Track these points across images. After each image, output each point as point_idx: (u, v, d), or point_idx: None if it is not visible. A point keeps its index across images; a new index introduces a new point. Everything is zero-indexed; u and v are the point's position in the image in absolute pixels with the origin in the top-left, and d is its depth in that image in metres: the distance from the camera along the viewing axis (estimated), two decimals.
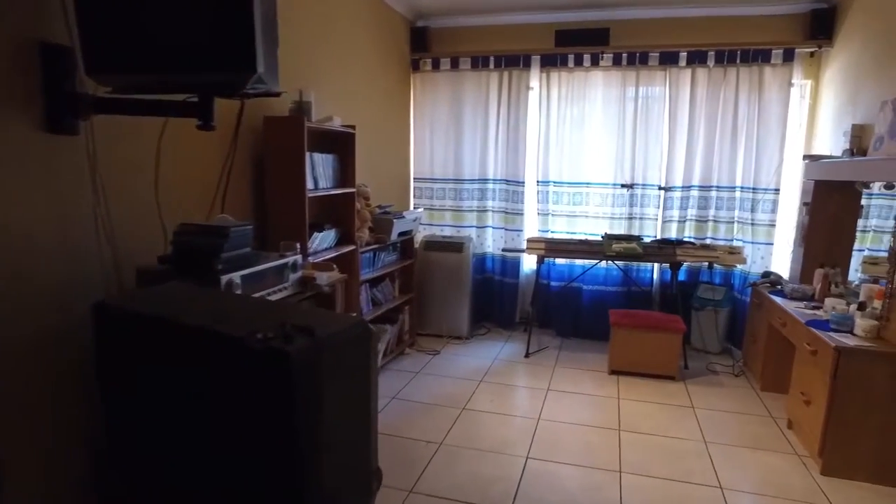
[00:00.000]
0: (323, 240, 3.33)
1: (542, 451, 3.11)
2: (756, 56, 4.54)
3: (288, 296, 2.50)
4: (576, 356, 4.65)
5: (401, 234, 4.29)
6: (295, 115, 3.08)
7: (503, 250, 5.18)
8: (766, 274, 4.32)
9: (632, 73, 4.77)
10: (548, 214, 5.07)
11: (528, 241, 4.78)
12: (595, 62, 4.84)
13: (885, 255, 4.17)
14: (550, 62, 4.91)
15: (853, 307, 3.17)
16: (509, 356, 4.61)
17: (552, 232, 5.08)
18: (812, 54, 4.51)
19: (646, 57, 4.75)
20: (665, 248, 4.51)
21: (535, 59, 4.97)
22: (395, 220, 4.07)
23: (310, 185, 3.11)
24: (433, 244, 4.97)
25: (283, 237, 2.87)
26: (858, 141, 3.81)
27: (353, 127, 3.55)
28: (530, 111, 5.07)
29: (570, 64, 4.89)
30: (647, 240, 4.78)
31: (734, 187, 4.71)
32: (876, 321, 2.98)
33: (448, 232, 5.31)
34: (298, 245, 2.72)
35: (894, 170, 2.98)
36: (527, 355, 4.60)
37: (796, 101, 4.63)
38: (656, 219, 4.90)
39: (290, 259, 2.53)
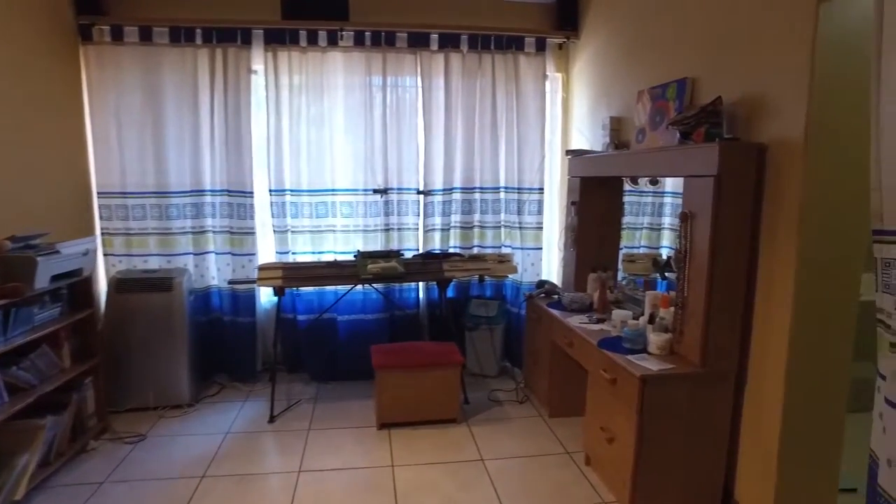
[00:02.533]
0: None
1: None
2: (510, 44, 4.09)
3: None
4: (336, 408, 3.67)
5: (59, 276, 2.84)
6: None
7: (229, 283, 3.97)
8: (541, 283, 3.87)
9: (378, 56, 3.97)
10: (286, 231, 4.01)
11: (261, 268, 3.66)
12: (333, 41, 3.93)
13: (640, 252, 4.07)
14: (277, 39, 3.86)
15: (643, 319, 2.74)
16: (249, 423, 3.45)
17: (294, 254, 4.04)
18: (561, 46, 4.22)
19: (393, 37, 3.99)
20: (430, 264, 3.79)
21: (258, 35, 3.87)
22: (39, 259, 2.63)
23: None
24: (129, 283, 3.55)
25: None
26: (617, 134, 3.52)
27: None
28: (255, 101, 3.96)
29: (303, 42, 3.90)
30: (408, 255, 4.03)
31: (498, 188, 4.21)
32: (667, 334, 2.57)
33: (155, 263, 3.91)
34: None
35: (666, 162, 2.61)
36: (271, 419, 3.48)
37: (552, 93, 4.32)
38: (417, 228, 4.17)
39: None
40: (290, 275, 3.57)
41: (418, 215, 4.15)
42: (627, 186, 3.61)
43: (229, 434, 3.30)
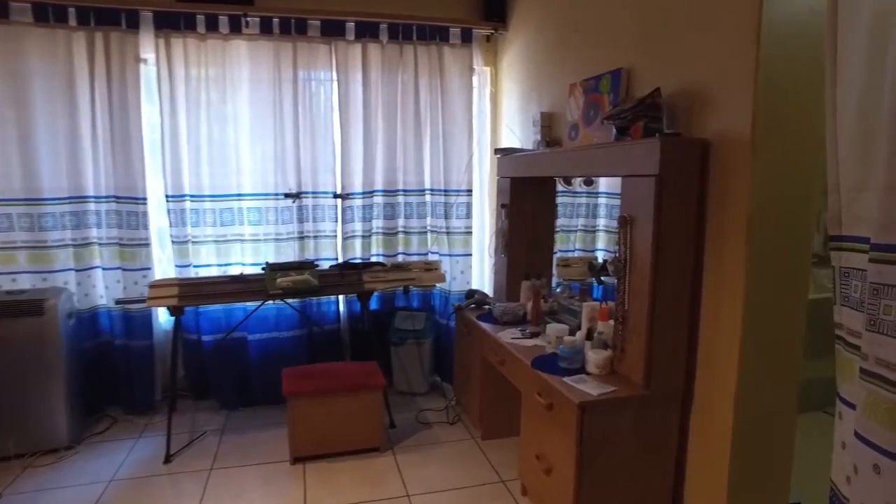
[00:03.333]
0: None
1: None
2: (434, 34, 3.79)
3: None
4: (246, 440, 3.25)
5: None
6: None
7: (116, 302, 3.46)
8: (470, 293, 3.58)
9: (287, 45, 3.58)
10: (187, 242, 3.54)
11: (153, 286, 3.19)
12: (236, 28, 3.50)
13: (575, 255, 3.86)
14: (170, 23, 3.40)
15: (580, 335, 2.49)
16: (140, 466, 2.98)
17: (195, 267, 3.58)
18: (488, 38, 3.96)
19: (304, 25, 3.60)
20: (349, 275, 3.43)
21: (147, 18, 3.39)
22: None
23: None
24: None
25: None
26: (549, 131, 3.29)
27: None
28: (146, 94, 3.48)
29: (201, 28, 3.45)
30: (325, 265, 3.66)
31: (423, 190, 3.89)
32: (607, 351, 2.33)
33: (26, 282, 3.36)
34: None
35: (602, 161, 2.36)
36: (168, 459, 3.02)
37: (481, 89, 4.05)
38: (335, 236, 3.80)
39: None
40: (188, 292, 3.13)
41: (336, 221, 3.78)
42: (560, 187, 3.38)
43: (113, 482, 2.82)
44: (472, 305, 3.45)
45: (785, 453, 2.11)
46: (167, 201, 3.50)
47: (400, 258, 3.91)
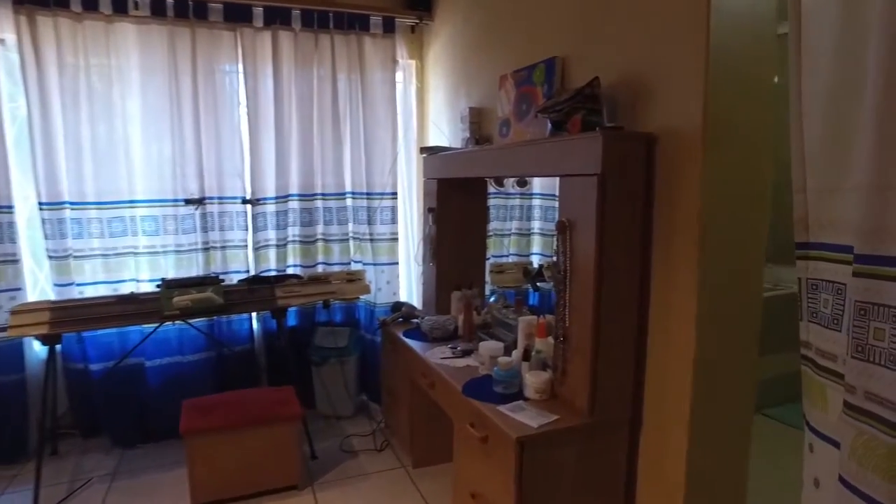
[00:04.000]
0: None
1: None
2: (353, 23, 3.45)
3: None
4: (140, 485, 2.81)
5: None
6: None
7: None
8: (397, 306, 3.27)
9: (185, 31, 3.15)
10: (67, 257, 3.05)
11: (15, 311, 2.68)
12: (121, 9, 3.04)
13: (509, 261, 3.63)
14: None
15: (517, 354, 2.23)
16: None
17: (79, 286, 3.09)
18: (413, 29, 3.66)
19: (204, 9, 3.18)
20: (259, 291, 3.04)
21: None
22: None
23: None
24: None
25: None
26: (478, 128, 3.03)
27: None
28: (8, 81, 2.98)
29: (76, 6, 2.97)
30: (235, 279, 3.25)
31: (344, 194, 3.55)
32: (546, 372, 2.08)
33: None
34: None
35: (536, 159, 2.11)
36: None
37: (406, 83, 3.75)
38: (245, 246, 3.39)
39: None
40: (61, 317, 2.66)
41: (246, 230, 3.37)
42: (492, 189, 3.13)
43: None
44: (399, 319, 3.14)
45: (741, 477, 1.93)
46: (41, 210, 3.00)
47: (320, 268, 3.55)
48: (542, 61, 2.37)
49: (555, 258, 1.99)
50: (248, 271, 3.39)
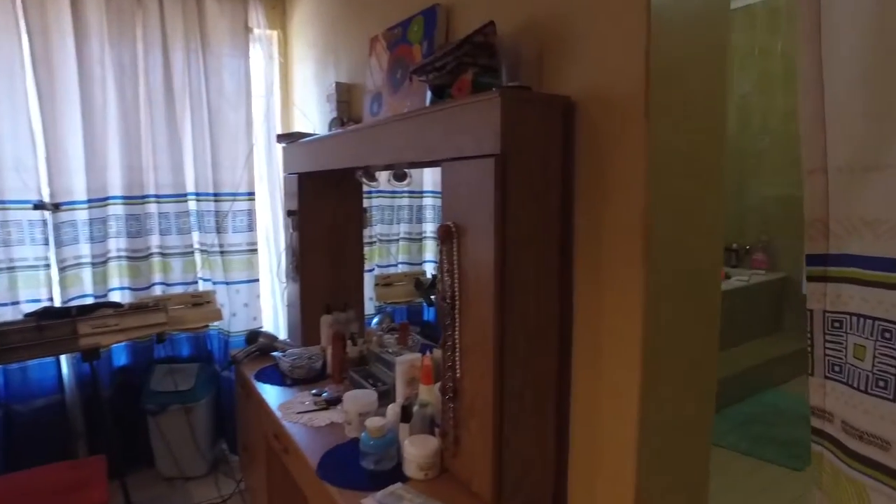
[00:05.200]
0: None
1: None
2: None
3: None
4: None
5: None
6: None
7: None
8: (252, 336, 2.56)
9: None
10: None
11: None
12: None
13: (398, 271, 3.05)
14: None
15: (392, 411, 1.61)
16: None
17: None
18: None
19: None
20: (54, 328, 2.23)
21: None
22: None
23: None
24: None
25: None
26: (347, 107, 2.41)
27: None
28: None
29: None
30: (23, 310, 2.42)
31: (185, 195, 2.79)
32: (433, 438, 1.49)
33: None
34: None
35: (410, 138, 1.51)
36: None
37: (267, 59, 3.05)
38: (45, 265, 2.54)
39: None
40: None
41: (46, 244, 2.53)
42: (365, 186, 2.52)
43: None
44: (255, 353, 2.44)
45: None
46: None
47: (157, 290, 2.77)
48: (419, 13, 1.78)
49: (438, 278, 1.40)
50: (50, 299, 2.55)
